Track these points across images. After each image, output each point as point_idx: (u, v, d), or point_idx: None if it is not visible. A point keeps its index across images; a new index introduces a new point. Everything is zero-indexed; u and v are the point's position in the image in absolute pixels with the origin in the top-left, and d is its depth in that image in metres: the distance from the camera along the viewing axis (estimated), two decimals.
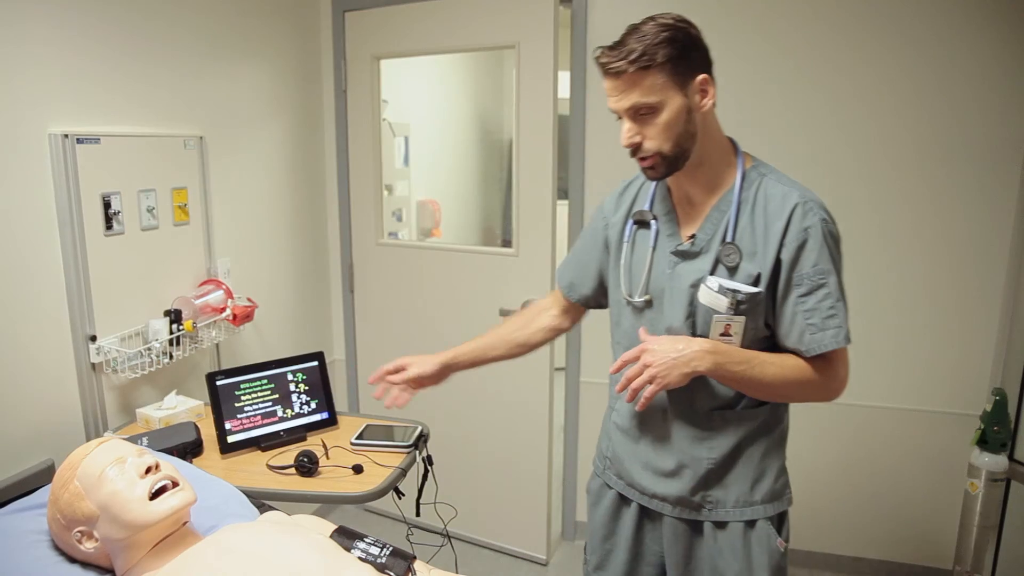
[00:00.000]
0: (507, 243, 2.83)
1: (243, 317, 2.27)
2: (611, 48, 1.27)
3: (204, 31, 2.28)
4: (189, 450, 1.80)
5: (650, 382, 1.28)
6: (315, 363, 2.08)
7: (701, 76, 1.27)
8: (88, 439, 1.88)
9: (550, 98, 2.49)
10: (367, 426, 2.00)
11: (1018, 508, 2.32)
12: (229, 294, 2.28)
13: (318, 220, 3.01)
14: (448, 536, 2.21)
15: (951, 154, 2.35)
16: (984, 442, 2.24)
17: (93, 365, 1.90)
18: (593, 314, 2.78)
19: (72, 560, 1.27)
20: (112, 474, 1.22)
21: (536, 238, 2.61)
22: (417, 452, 1.90)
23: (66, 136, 1.78)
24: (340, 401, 3.17)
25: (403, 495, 1.82)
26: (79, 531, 1.22)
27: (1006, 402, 2.23)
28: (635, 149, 1.31)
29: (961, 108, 2.32)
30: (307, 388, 2.05)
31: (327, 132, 2.99)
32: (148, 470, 1.24)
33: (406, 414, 2.28)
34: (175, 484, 1.25)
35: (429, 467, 1.92)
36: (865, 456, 2.61)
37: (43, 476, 1.71)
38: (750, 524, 1.41)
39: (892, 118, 2.37)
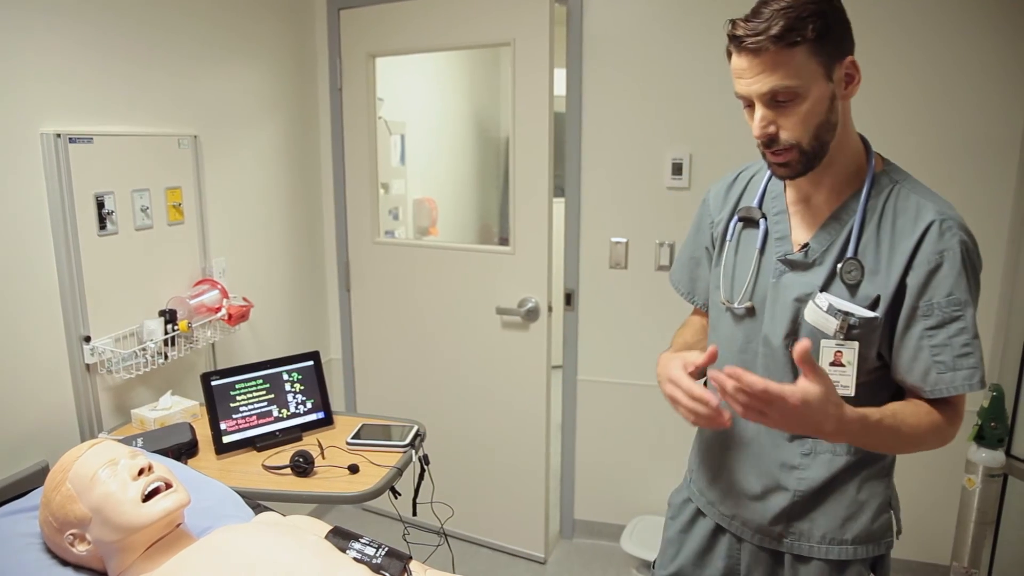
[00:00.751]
0: (504, 241, 2.82)
1: (238, 317, 2.26)
2: (747, 20, 1.08)
3: (198, 29, 2.27)
4: (184, 451, 1.80)
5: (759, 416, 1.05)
6: (311, 363, 2.07)
7: (849, 58, 1.10)
8: (82, 440, 1.88)
9: (546, 95, 2.48)
10: (363, 425, 2.00)
11: (1015, 503, 2.32)
12: (224, 294, 2.27)
13: (314, 219, 3.00)
14: (445, 535, 2.20)
15: (947, 151, 2.35)
16: (981, 438, 2.24)
17: (87, 366, 1.89)
18: (590, 310, 2.81)
19: (65, 563, 1.27)
20: (104, 476, 1.21)
21: (533, 236, 2.60)
22: (413, 451, 1.90)
23: (59, 136, 1.77)
24: (337, 401, 3.16)
25: (399, 495, 1.81)
26: (71, 534, 1.21)
27: (1003, 398, 2.23)
28: (769, 141, 1.13)
29: (958, 106, 2.31)
30: (303, 388, 2.04)
31: (322, 130, 2.98)
32: (141, 472, 1.24)
33: (402, 412, 2.28)
34: (168, 486, 1.25)
35: (425, 466, 1.91)
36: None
37: (37, 478, 1.69)
38: (839, 565, 1.27)
39: (888, 115, 2.37)
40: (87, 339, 1.88)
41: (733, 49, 1.11)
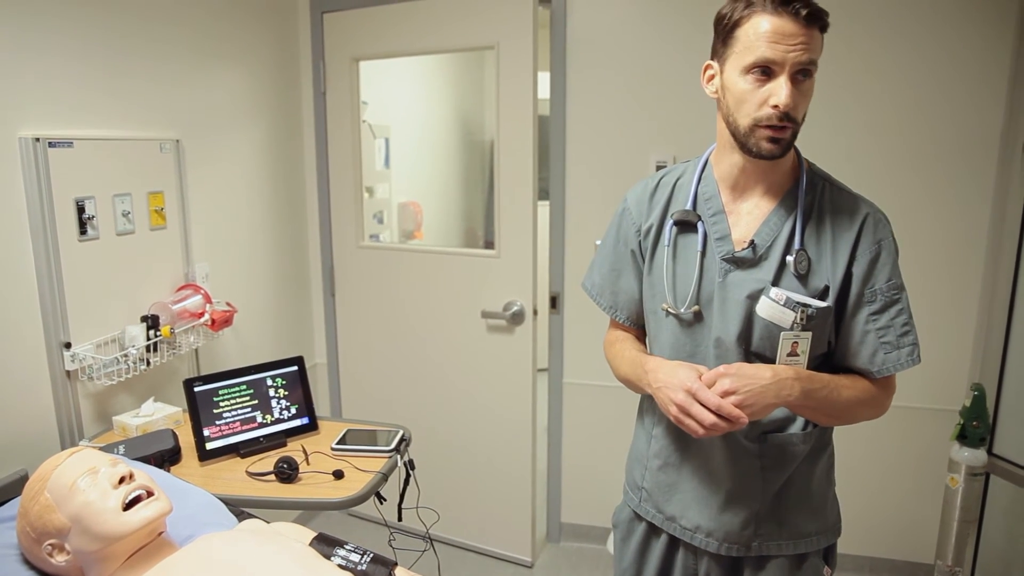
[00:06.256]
0: (489, 244, 2.82)
1: (222, 322, 2.25)
2: None
3: (180, 32, 2.25)
4: (167, 458, 1.78)
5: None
6: (295, 368, 2.06)
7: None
8: (63, 448, 1.85)
9: (530, 99, 2.48)
10: (348, 431, 1.98)
11: (998, 502, 2.35)
12: (207, 299, 2.25)
13: (298, 223, 2.99)
14: (431, 540, 2.20)
15: (928, 152, 2.37)
16: (963, 437, 2.26)
17: (68, 372, 1.87)
18: (575, 313, 2.81)
19: (43, 574, 1.25)
20: (84, 485, 1.19)
21: (518, 239, 2.60)
22: (399, 456, 1.89)
23: (37, 140, 1.75)
24: (322, 406, 3.14)
25: (385, 500, 1.81)
26: (50, 544, 1.20)
27: (984, 397, 2.24)
28: (785, 114, 1.12)
29: (937, 107, 2.34)
30: (287, 393, 2.03)
31: (306, 134, 2.97)
32: (122, 480, 1.22)
33: (388, 417, 2.27)
34: (150, 494, 1.23)
35: (411, 471, 1.90)
36: (846, 452, 2.61)
37: (16, 487, 1.67)
38: (798, 560, 1.30)
39: (869, 117, 2.39)
40: (67, 345, 1.86)
41: (779, 13, 1.09)
